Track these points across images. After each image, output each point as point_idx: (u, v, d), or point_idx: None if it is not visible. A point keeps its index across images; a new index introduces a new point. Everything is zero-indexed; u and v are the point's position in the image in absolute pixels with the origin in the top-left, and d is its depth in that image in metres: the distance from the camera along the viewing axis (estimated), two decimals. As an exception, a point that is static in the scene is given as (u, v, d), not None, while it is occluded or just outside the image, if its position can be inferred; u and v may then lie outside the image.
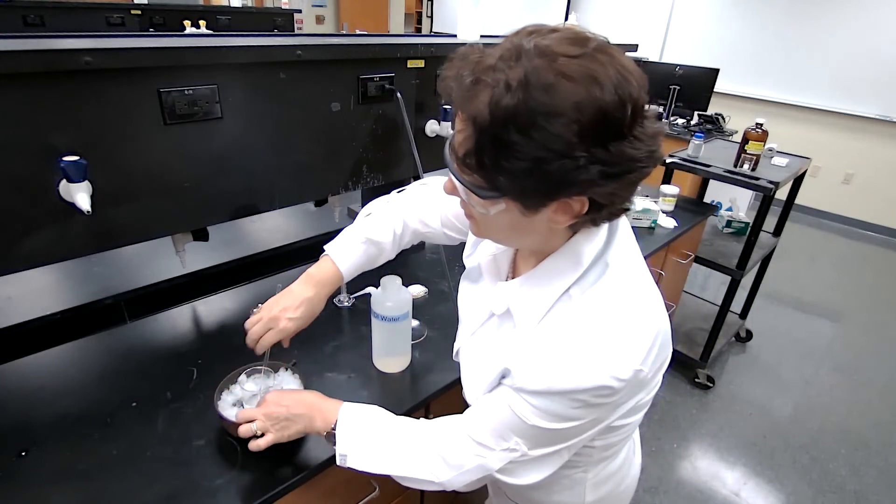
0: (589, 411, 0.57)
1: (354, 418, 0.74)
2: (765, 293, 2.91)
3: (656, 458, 2.05)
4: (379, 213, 0.89)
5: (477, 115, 0.47)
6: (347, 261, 0.86)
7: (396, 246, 0.91)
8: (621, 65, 0.47)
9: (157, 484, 0.78)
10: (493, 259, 0.72)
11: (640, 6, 5.39)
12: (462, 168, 0.52)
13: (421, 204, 0.91)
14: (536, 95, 0.44)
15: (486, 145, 0.48)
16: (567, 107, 0.44)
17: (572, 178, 0.47)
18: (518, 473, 0.63)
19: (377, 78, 1.22)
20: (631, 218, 1.84)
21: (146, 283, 1.27)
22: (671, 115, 3.70)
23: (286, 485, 0.79)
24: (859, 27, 4.11)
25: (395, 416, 0.75)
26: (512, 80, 0.45)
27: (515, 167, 0.47)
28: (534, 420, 0.58)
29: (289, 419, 0.76)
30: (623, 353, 0.55)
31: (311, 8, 6.09)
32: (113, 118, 0.88)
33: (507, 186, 0.50)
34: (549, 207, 0.51)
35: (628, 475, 0.81)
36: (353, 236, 0.87)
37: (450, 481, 0.67)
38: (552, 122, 0.44)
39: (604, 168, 0.46)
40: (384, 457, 0.71)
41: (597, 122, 0.45)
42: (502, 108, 0.45)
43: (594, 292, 0.57)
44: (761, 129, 2.12)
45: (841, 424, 2.27)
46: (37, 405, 0.92)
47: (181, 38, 0.99)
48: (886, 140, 4.22)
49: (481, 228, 0.61)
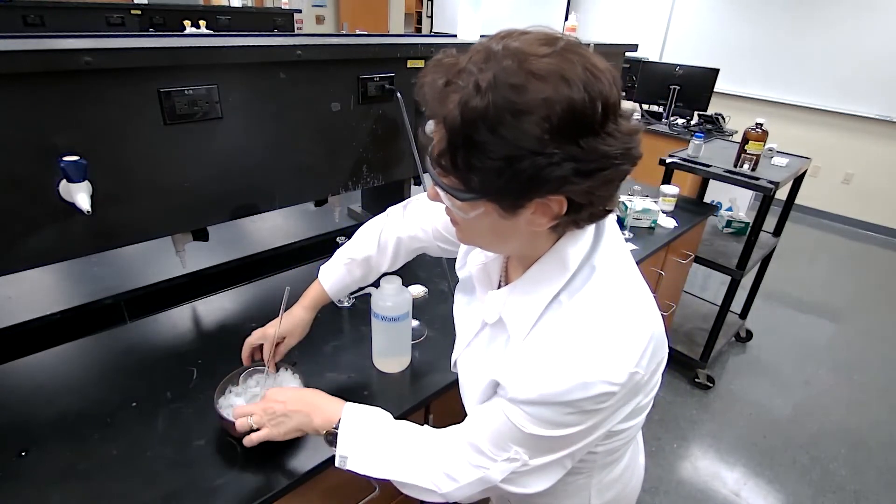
0: (586, 417, 0.56)
1: (358, 419, 0.72)
2: (765, 293, 2.91)
3: (656, 458, 2.05)
4: (364, 232, 0.95)
5: (447, 116, 0.47)
6: (330, 281, 0.94)
7: (388, 261, 0.95)
8: (591, 63, 0.47)
9: (157, 484, 0.77)
10: (483, 268, 0.71)
11: (640, 6, 5.39)
12: (438, 170, 0.52)
13: (414, 218, 0.93)
14: (506, 94, 0.44)
15: (458, 146, 0.48)
16: (536, 104, 0.44)
17: (545, 176, 0.46)
18: (522, 483, 0.62)
19: (377, 78, 1.22)
20: (631, 218, 1.84)
21: (146, 283, 1.27)
22: (671, 115, 3.70)
23: (286, 485, 0.79)
24: (859, 27, 4.11)
25: (398, 421, 0.74)
26: (482, 81, 0.45)
27: (488, 166, 0.47)
28: (531, 428, 0.57)
29: (286, 415, 0.75)
30: (616, 357, 0.54)
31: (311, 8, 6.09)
32: (113, 118, 0.88)
33: (482, 187, 0.50)
34: (528, 209, 0.51)
35: (633, 478, 0.80)
36: (338, 258, 0.95)
37: (452, 493, 0.66)
38: (522, 120, 0.44)
39: (577, 165, 0.46)
40: (386, 462, 0.69)
41: (567, 119, 0.45)
42: (471, 108, 0.45)
43: (582, 297, 0.57)
44: (761, 129, 2.12)
45: (841, 424, 2.27)
46: (37, 405, 0.92)
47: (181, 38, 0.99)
48: (886, 140, 4.22)
49: (465, 234, 0.61)
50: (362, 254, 0.93)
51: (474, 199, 0.51)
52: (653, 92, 3.77)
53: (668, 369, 2.54)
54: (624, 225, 1.85)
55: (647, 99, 3.84)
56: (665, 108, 3.73)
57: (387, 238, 0.93)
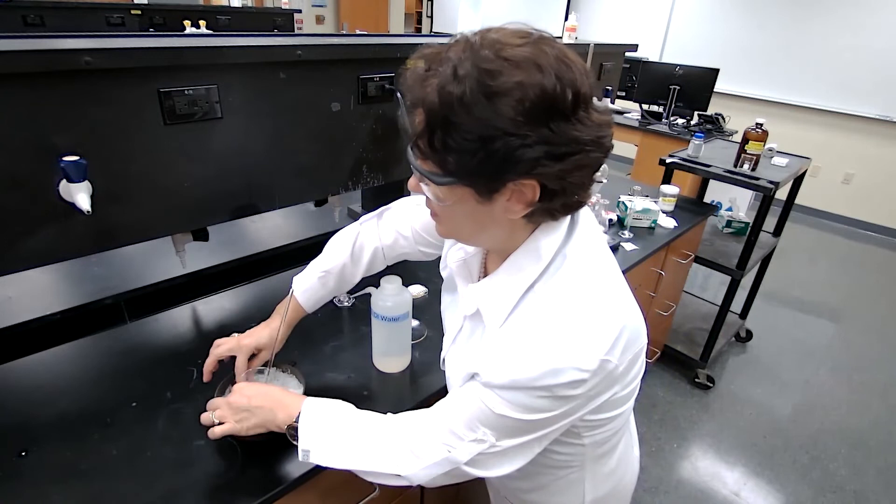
0: (558, 403, 0.56)
1: (318, 412, 0.72)
2: (765, 293, 2.91)
3: (656, 458, 2.05)
4: (336, 243, 0.94)
5: (425, 98, 0.50)
6: (306, 295, 0.92)
7: (363, 270, 0.94)
8: (563, 54, 0.50)
9: (157, 484, 0.77)
10: (463, 263, 0.72)
11: (640, 6, 5.39)
12: (418, 154, 0.55)
13: (391, 225, 0.94)
14: (481, 78, 0.47)
15: (435, 127, 0.50)
16: (510, 87, 0.47)
17: (518, 156, 0.49)
18: (486, 465, 0.62)
19: (377, 78, 1.22)
20: (631, 218, 1.84)
21: (146, 283, 1.27)
22: (671, 115, 3.70)
23: (286, 485, 0.79)
24: (859, 27, 4.11)
25: (361, 410, 0.74)
26: (460, 68, 0.48)
27: (463, 147, 0.49)
28: (502, 409, 0.58)
29: (249, 410, 0.75)
30: (586, 344, 0.55)
31: (311, 8, 6.08)
32: (113, 118, 0.88)
33: (458, 168, 0.52)
34: (504, 195, 0.53)
35: (627, 472, 0.81)
36: (311, 270, 0.93)
37: (416, 475, 0.65)
38: (496, 102, 0.47)
39: (549, 148, 0.49)
40: (349, 451, 0.69)
41: (539, 103, 0.47)
42: (448, 91, 0.48)
43: (554, 285, 0.58)
44: (761, 129, 2.12)
45: (841, 424, 2.27)
46: (37, 405, 0.92)
47: (181, 38, 0.99)
48: (886, 140, 4.22)
49: (445, 225, 0.62)
50: (336, 266, 0.92)
51: (452, 184, 0.53)
52: (653, 92, 3.77)
53: (669, 369, 2.54)
54: (624, 225, 1.85)
55: (647, 99, 3.84)
56: (665, 108, 3.73)
57: (360, 248, 0.93)
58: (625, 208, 1.85)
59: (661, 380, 2.49)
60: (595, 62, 1.96)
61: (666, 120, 3.71)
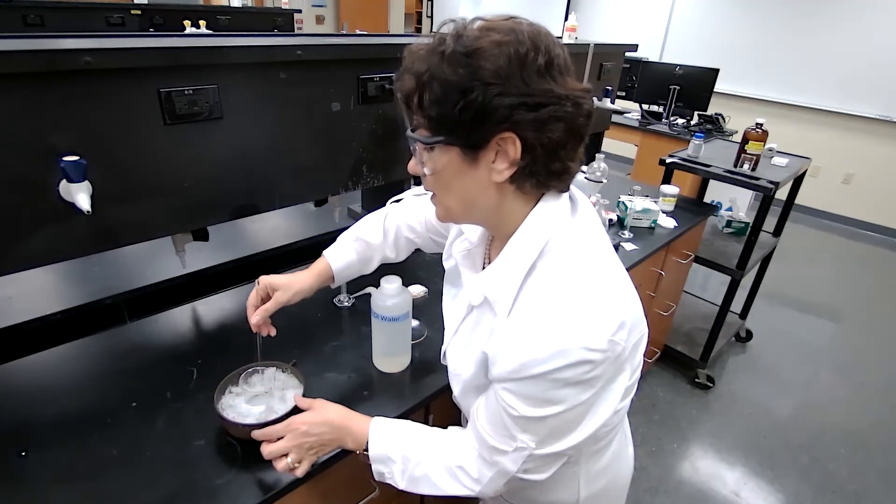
0: (575, 391, 0.57)
1: (384, 441, 0.75)
2: (765, 293, 2.91)
3: (656, 458, 2.05)
4: (369, 218, 0.98)
5: (414, 63, 0.56)
6: (338, 257, 0.94)
7: (390, 247, 0.97)
8: (538, 29, 0.56)
9: (157, 484, 0.77)
10: (467, 254, 0.74)
11: (640, 6, 5.39)
12: (410, 120, 0.60)
13: (408, 211, 0.97)
14: (466, 43, 0.54)
15: (423, 84, 0.56)
16: (488, 46, 0.53)
17: (495, 104, 0.53)
18: (538, 471, 0.65)
19: (377, 78, 1.22)
20: (631, 218, 1.84)
21: (146, 283, 1.27)
22: (671, 115, 3.70)
23: (286, 485, 0.79)
24: (859, 27, 4.11)
25: (421, 428, 0.76)
26: (446, 38, 0.55)
27: (445, 99, 0.54)
28: (523, 409, 0.59)
29: (322, 445, 0.78)
30: (592, 324, 0.55)
31: (311, 8, 6.08)
32: (113, 118, 0.88)
33: (442, 122, 0.56)
34: (487, 154, 0.56)
35: (622, 469, 0.81)
36: (345, 237, 0.96)
37: (482, 491, 0.69)
38: (475, 58, 0.53)
39: (523, 98, 0.53)
40: (417, 480, 0.72)
41: (514, 60, 0.53)
42: (437, 54, 0.54)
43: (554, 267, 0.59)
44: (761, 129, 2.12)
45: (841, 424, 2.27)
46: (37, 405, 0.92)
47: (181, 38, 0.99)
48: (886, 140, 4.22)
49: (439, 201, 0.65)
50: (368, 235, 0.96)
51: (439, 143, 0.58)
52: (653, 92, 3.77)
53: (669, 369, 2.54)
54: (624, 225, 1.85)
55: (647, 99, 3.84)
56: (665, 108, 3.73)
57: (389, 225, 0.97)
58: (625, 208, 1.85)
59: (661, 380, 2.49)
60: (595, 62, 1.96)
61: (666, 120, 3.71)
